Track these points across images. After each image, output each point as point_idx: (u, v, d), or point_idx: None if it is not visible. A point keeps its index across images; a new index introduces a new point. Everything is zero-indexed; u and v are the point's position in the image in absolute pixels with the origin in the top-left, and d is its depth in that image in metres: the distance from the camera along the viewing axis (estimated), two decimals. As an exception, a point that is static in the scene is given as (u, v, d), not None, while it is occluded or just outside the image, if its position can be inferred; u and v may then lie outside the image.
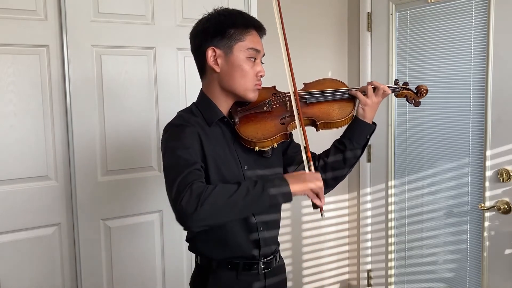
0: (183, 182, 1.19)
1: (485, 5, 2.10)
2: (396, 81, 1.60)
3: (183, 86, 2.28)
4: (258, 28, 1.40)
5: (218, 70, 1.37)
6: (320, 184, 1.27)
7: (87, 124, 2.08)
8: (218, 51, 1.35)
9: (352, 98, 1.49)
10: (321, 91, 1.48)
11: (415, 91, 1.60)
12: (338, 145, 1.50)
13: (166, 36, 2.22)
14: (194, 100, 1.47)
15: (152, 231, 2.28)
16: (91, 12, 2.06)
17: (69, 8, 2.00)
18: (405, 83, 1.60)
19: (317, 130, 1.47)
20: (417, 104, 1.59)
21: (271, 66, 1.48)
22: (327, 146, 1.55)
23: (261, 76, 1.40)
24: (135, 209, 2.23)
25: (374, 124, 1.50)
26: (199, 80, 1.47)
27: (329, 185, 1.53)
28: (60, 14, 2.00)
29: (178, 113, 1.43)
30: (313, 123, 1.45)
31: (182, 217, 1.17)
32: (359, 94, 1.47)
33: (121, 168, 2.18)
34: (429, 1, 2.35)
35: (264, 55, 1.42)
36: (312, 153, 1.58)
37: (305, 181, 1.26)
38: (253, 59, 1.37)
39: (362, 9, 2.71)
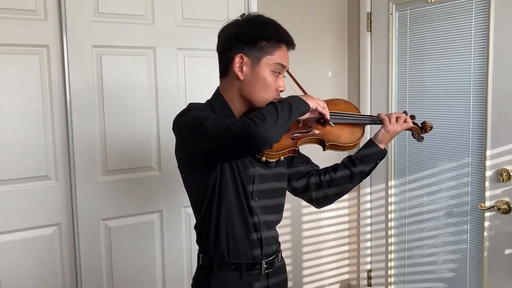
0: (235, 120, 1.24)
1: (485, 5, 2.10)
2: (405, 113, 1.61)
3: (183, 86, 2.28)
4: (289, 43, 1.41)
5: (241, 77, 1.37)
6: (321, 99, 1.39)
7: (87, 124, 2.08)
8: (245, 59, 1.36)
9: (362, 125, 1.54)
10: (336, 113, 1.49)
11: (420, 125, 1.63)
12: (348, 164, 1.55)
13: (166, 36, 2.22)
14: (194, 100, 1.48)
15: (152, 231, 2.28)
16: (91, 12, 2.06)
17: (69, 8, 2.00)
18: (412, 116, 1.62)
19: (324, 150, 1.50)
20: (420, 139, 1.63)
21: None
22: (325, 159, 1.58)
23: (281, 91, 1.41)
24: (135, 209, 2.23)
25: (385, 150, 1.57)
26: (199, 80, 1.47)
27: (329, 200, 1.60)
28: (60, 14, 2.00)
29: (190, 103, 1.43)
30: (322, 143, 1.48)
31: (258, 135, 1.19)
32: (387, 120, 1.53)
33: (121, 168, 2.18)
34: (429, 1, 2.35)
35: (288, 69, 1.44)
36: (316, 166, 1.63)
37: (312, 97, 1.37)
38: (277, 73, 1.38)
39: (362, 9, 2.71)
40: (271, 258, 1.48)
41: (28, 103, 1.98)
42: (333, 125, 1.40)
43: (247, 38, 1.35)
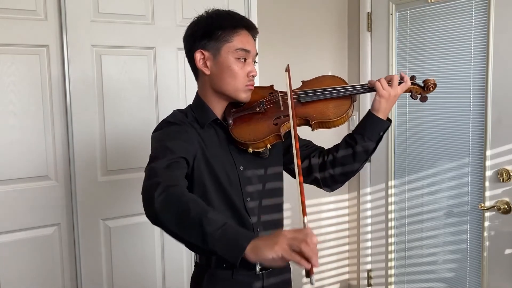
0: (156, 169, 1.17)
1: (485, 5, 2.10)
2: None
3: (183, 86, 2.28)
4: (248, 27, 1.38)
5: (208, 72, 1.37)
6: (309, 239, 0.96)
7: (87, 124, 2.08)
8: (206, 54, 1.35)
9: (349, 96, 1.44)
10: (315, 90, 1.44)
11: (422, 85, 1.48)
12: (349, 140, 1.46)
13: (166, 36, 2.22)
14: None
15: (152, 231, 2.28)
16: (91, 12, 2.06)
17: (69, 8, 2.00)
18: (412, 77, 1.49)
19: (312, 130, 1.43)
20: (423, 99, 1.48)
21: (270, 66, 1.46)
22: (328, 144, 1.54)
23: (252, 76, 1.38)
24: (135, 209, 2.23)
25: (389, 120, 1.45)
26: (199, 80, 1.47)
27: (338, 181, 1.50)
28: (60, 14, 2.00)
29: (174, 111, 1.43)
30: (307, 122, 1.41)
31: (143, 204, 1.14)
32: (378, 84, 1.41)
33: (121, 168, 2.18)
34: (429, 1, 2.35)
35: (256, 54, 1.41)
36: (320, 147, 1.56)
37: (281, 240, 0.96)
38: (243, 60, 1.36)
39: (362, 9, 2.71)
40: None
41: (28, 103, 1.98)
42: (314, 283, 0.98)
43: (202, 32, 1.35)
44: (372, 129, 1.42)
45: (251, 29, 1.39)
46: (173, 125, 1.34)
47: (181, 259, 2.35)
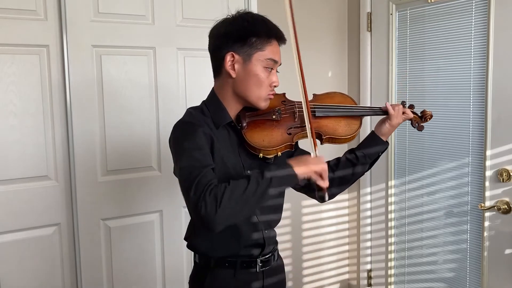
0: (199, 186, 1.21)
1: (485, 5, 2.10)
2: (403, 103, 1.60)
3: (183, 86, 2.28)
4: (279, 38, 1.41)
5: (234, 75, 1.37)
6: (324, 166, 1.31)
7: (87, 124, 2.08)
8: (236, 57, 1.36)
9: (359, 117, 1.52)
10: (331, 106, 1.50)
11: (420, 115, 1.62)
12: (350, 157, 1.54)
13: (166, 36, 2.22)
14: (194, 100, 1.48)
15: (152, 231, 2.28)
16: (91, 12, 2.06)
17: (69, 8, 2.00)
18: (411, 106, 1.61)
19: (321, 144, 1.48)
20: (420, 128, 1.61)
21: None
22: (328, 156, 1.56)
23: (275, 86, 1.41)
24: (135, 209, 2.23)
25: (387, 142, 1.56)
26: (199, 80, 1.47)
27: (333, 196, 1.56)
28: (60, 14, 2.00)
29: (188, 110, 1.44)
30: (319, 136, 1.47)
31: (206, 222, 1.19)
32: (392, 115, 1.52)
33: (121, 168, 2.18)
34: (429, 1, 2.35)
35: (280, 64, 1.43)
36: None
37: (308, 164, 1.30)
38: (269, 69, 1.38)
39: (362, 9, 2.71)
40: (267, 256, 1.47)
41: (28, 103, 1.98)
42: (327, 199, 1.37)
43: (237, 35, 1.36)
44: (375, 149, 1.54)
45: (281, 40, 1.42)
46: (192, 126, 1.34)
47: (181, 259, 2.35)
